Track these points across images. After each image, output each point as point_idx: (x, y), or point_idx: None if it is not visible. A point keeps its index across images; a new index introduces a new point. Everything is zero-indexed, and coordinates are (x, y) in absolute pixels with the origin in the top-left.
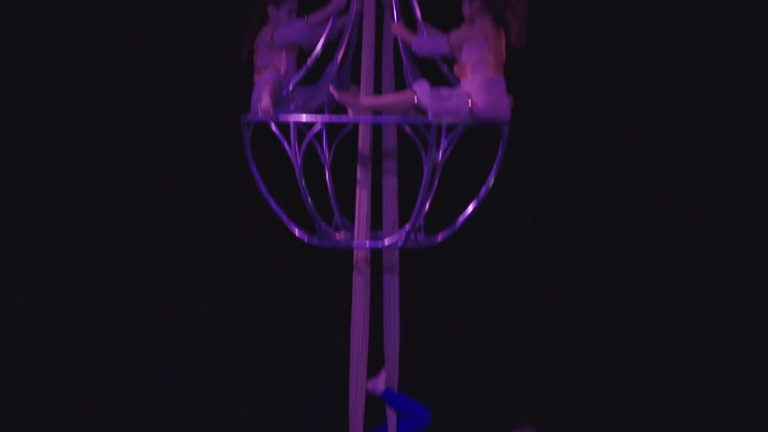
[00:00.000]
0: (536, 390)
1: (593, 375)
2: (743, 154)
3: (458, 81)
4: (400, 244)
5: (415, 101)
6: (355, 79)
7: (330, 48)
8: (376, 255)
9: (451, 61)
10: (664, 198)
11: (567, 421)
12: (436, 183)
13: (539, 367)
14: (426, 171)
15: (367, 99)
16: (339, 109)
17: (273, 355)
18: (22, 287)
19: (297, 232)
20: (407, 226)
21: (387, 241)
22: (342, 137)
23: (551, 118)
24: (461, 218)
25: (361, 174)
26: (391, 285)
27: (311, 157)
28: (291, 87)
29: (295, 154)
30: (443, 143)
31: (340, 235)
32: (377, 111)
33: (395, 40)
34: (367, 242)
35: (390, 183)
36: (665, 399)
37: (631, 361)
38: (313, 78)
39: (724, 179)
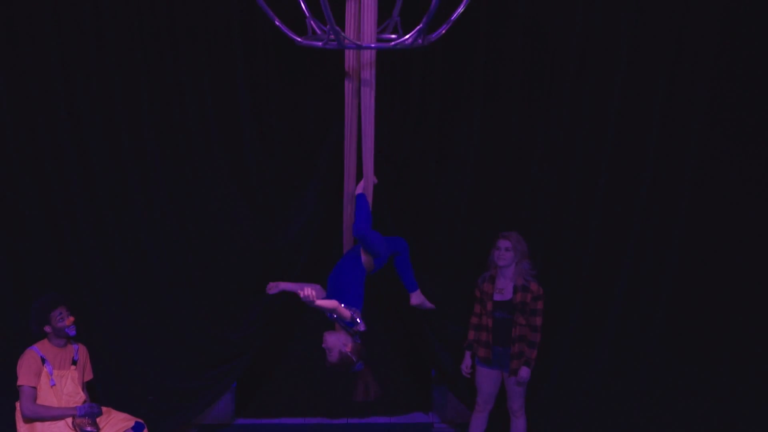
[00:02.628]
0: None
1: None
2: None
3: None
4: (408, 42)
5: None
6: None
7: None
8: None
9: None
10: None
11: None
12: None
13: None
14: None
15: None
16: None
17: (262, 163)
18: None
19: (286, 30)
20: (420, 25)
21: (399, 40)
22: None
23: None
24: (453, 15)
25: None
26: (368, 96)
27: None
28: None
29: None
30: None
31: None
32: None
33: None
34: (373, 44)
35: None
36: None
37: None
38: None
39: None
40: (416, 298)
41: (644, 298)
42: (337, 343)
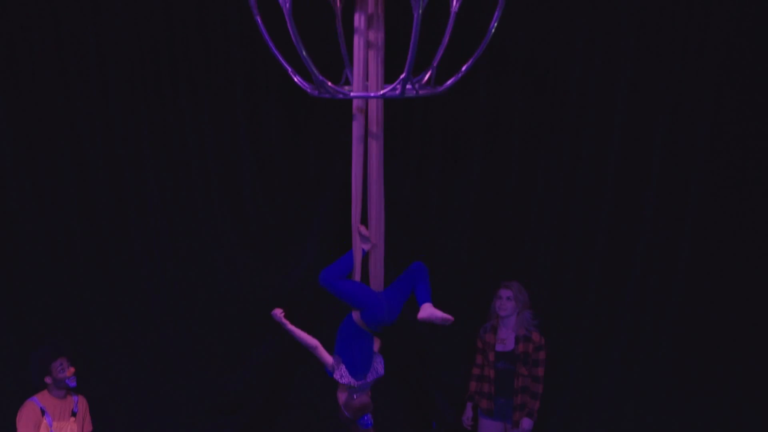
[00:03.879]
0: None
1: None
2: None
3: None
4: (397, 92)
5: None
6: None
7: None
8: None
9: None
10: None
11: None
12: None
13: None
14: (416, 16)
15: None
16: None
17: (262, 209)
18: None
19: (297, 80)
20: (403, 75)
21: (383, 91)
22: None
23: None
24: (464, 67)
25: (359, 23)
26: (375, 146)
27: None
28: None
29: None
30: None
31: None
32: None
33: None
34: (364, 93)
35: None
36: None
37: None
38: None
39: None
40: (425, 311)
41: (645, 353)
42: (337, 393)
